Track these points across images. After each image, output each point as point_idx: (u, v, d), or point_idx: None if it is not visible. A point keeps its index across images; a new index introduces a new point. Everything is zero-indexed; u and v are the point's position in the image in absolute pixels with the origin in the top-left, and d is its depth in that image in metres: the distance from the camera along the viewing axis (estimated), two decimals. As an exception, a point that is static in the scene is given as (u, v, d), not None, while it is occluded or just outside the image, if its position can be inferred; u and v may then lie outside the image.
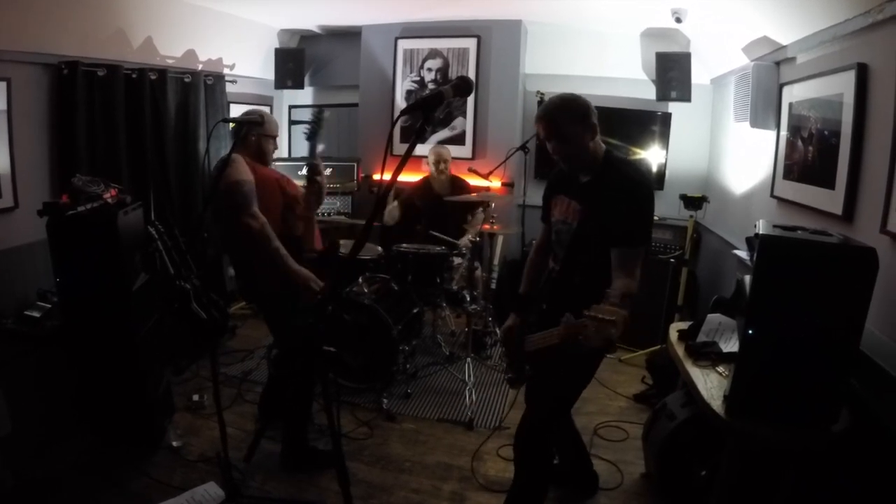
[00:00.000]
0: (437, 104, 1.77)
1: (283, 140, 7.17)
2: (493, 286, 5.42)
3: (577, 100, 2.46)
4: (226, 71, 5.74)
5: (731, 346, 2.83)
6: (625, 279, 2.30)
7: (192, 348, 4.49)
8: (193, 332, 4.31)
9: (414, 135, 1.77)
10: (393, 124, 2.12)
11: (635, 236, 2.38)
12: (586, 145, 2.45)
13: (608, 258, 2.37)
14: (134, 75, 4.55)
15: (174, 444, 3.49)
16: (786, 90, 3.78)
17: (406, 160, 1.73)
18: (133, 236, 3.36)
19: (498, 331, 5.10)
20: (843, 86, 2.98)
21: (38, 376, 3.30)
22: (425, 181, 5.39)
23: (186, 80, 5.06)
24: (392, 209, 5.24)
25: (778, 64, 3.90)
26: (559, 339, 2.22)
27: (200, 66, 5.42)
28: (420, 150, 6.06)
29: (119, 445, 3.39)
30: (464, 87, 1.88)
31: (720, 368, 2.68)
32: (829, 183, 3.10)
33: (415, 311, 4.55)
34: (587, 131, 2.43)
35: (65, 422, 3.42)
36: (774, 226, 2.31)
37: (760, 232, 2.23)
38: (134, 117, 4.59)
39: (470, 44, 6.02)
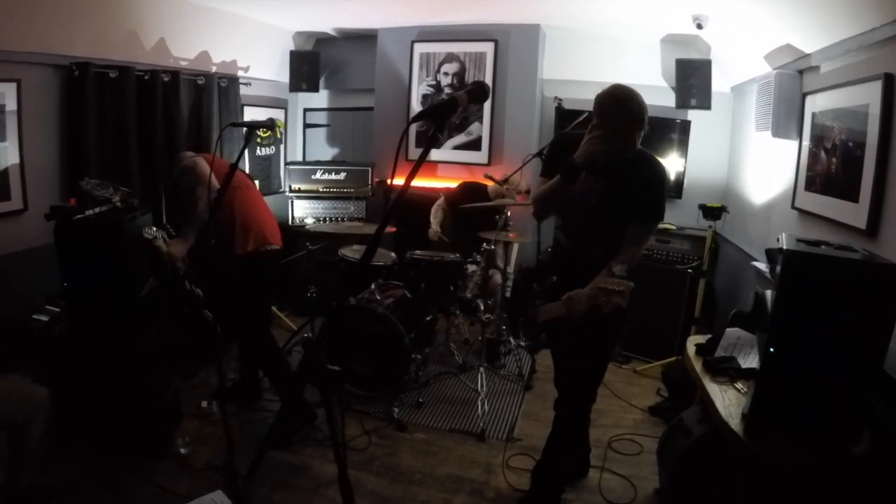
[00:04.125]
0: (449, 111, 1.71)
1: (297, 143, 7.18)
2: (508, 294, 5.35)
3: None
4: (240, 73, 5.72)
5: (750, 361, 2.75)
6: None
7: (201, 354, 4.45)
8: (203, 338, 4.28)
9: (426, 141, 1.72)
10: (404, 132, 2.08)
11: None
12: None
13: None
14: (146, 77, 4.53)
15: (182, 451, 3.46)
16: (809, 99, 3.70)
17: (419, 167, 1.68)
18: (141, 241, 3.32)
19: (512, 340, 5.03)
20: (868, 96, 2.91)
21: (46, 380, 3.27)
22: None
23: (200, 82, 5.04)
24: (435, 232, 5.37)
25: (801, 73, 3.82)
26: (565, 311, 2.48)
27: (214, 68, 5.40)
28: (434, 155, 6.06)
29: (124, 453, 3.35)
30: (479, 92, 1.83)
31: (739, 385, 2.61)
32: (852, 196, 3.03)
33: (428, 318, 4.50)
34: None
35: (71, 428, 3.38)
36: (798, 240, 2.24)
37: (784, 247, 2.16)
38: (145, 119, 4.57)
39: (487, 48, 5.96)
